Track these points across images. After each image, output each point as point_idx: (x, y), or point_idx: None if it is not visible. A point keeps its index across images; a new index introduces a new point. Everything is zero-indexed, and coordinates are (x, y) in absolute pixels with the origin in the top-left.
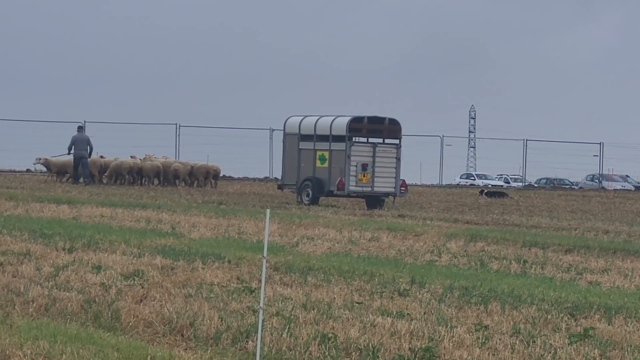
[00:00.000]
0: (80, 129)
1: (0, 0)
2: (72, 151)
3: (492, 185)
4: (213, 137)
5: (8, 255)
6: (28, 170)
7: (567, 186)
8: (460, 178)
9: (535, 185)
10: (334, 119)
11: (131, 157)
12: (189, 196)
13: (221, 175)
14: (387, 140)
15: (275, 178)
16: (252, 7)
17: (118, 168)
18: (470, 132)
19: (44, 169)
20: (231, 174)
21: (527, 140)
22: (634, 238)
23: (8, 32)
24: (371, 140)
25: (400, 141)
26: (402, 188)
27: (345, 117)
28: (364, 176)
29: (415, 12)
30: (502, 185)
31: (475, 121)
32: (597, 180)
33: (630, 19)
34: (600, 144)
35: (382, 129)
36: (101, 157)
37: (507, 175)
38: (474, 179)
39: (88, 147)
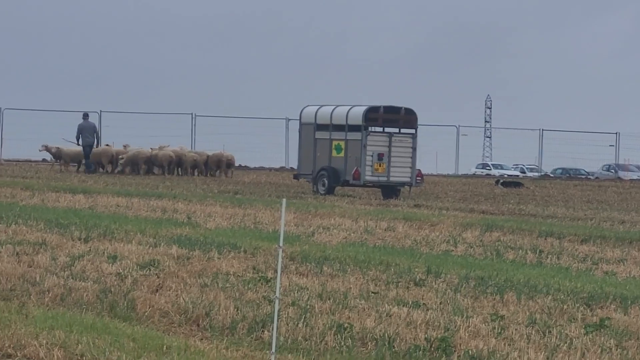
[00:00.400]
0: (86, 116)
1: None
2: (80, 140)
3: (508, 175)
4: (229, 127)
5: (24, 245)
6: (44, 160)
7: (583, 176)
8: (476, 168)
9: (551, 175)
10: (350, 109)
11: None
12: (205, 186)
13: (237, 165)
14: (403, 130)
15: (291, 168)
16: None
17: (135, 157)
18: (486, 121)
19: (51, 156)
20: (247, 163)
21: (543, 130)
22: None
23: (26, 23)
24: (387, 130)
25: (416, 131)
26: (418, 178)
27: (361, 107)
28: (379, 166)
29: (431, 2)
30: (518, 175)
31: (491, 111)
32: (613, 170)
33: None
34: (616, 134)
35: (398, 118)
36: (107, 145)
37: (523, 165)
38: (490, 169)
39: (94, 135)
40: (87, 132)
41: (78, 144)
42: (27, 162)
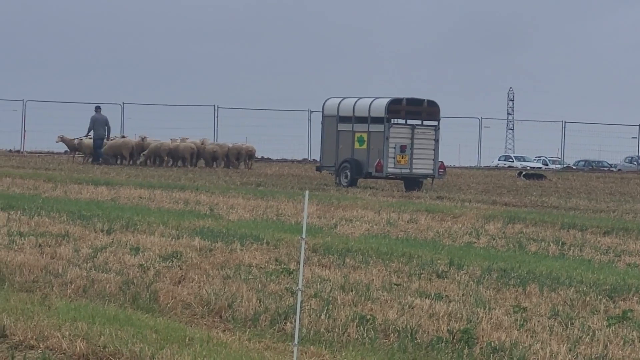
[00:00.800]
0: (98, 109)
1: None
2: (92, 133)
3: (530, 167)
4: (251, 119)
5: (47, 236)
6: (66, 152)
7: (605, 168)
8: (499, 160)
9: (574, 167)
10: (372, 101)
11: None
12: (227, 178)
13: (259, 157)
14: (425, 122)
15: (313, 160)
16: None
17: (157, 149)
18: (508, 114)
19: (66, 147)
20: (269, 155)
21: (565, 122)
22: None
23: (48, 17)
24: (410, 122)
25: (438, 123)
26: (440, 170)
27: (384, 99)
28: (402, 158)
29: None
30: (540, 167)
31: (513, 103)
32: (635, 162)
33: None
34: (638, 126)
35: (421, 110)
36: (123, 137)
37: (546, 157)
38: (512, 161)
39: (106, 128)
40: (99, 124)
41: (87, 136)
42: (50, 154)
